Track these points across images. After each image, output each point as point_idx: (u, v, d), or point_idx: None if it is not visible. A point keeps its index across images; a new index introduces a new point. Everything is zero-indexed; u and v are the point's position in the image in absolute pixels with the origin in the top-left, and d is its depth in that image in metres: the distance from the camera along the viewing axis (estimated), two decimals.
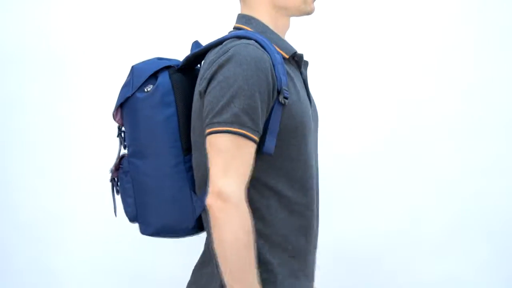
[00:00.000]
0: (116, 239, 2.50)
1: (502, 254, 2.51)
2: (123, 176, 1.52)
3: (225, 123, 1.31)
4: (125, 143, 1.54)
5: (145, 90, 1.45)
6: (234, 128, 1.30)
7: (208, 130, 1.33)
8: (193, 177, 1.45)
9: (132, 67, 1.50)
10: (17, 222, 2.55)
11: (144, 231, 1.52)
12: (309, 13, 1.53)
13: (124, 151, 1.57)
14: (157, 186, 1.46)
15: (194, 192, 1.45)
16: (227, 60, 1.34)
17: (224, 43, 1.40)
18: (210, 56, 1.41)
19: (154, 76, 1.46)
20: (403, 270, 2.51)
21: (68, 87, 2.54)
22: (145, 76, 1.45)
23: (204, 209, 1.40)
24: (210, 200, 1.30)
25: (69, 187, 2.54)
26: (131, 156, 1.49)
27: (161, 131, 1.43)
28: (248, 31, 1.44)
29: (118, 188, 1.56)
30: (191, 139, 1.44)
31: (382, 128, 2.51)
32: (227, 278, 1.31)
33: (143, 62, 1.51)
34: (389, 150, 2.50)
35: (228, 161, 1.30)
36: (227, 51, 1.36)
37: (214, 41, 1.44)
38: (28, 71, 2.55)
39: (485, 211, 2.51)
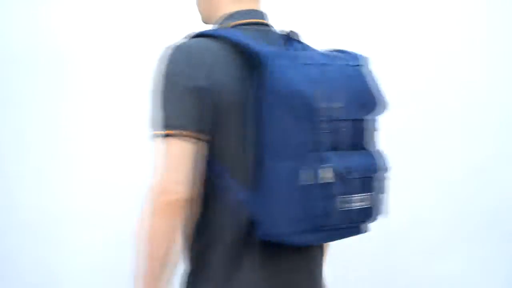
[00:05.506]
0: (117, 239, 2.50)
1: (502, 254, 2.52)
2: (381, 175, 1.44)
3: None
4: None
5: None
6: None
7: None
8: None
9: (361, 55, 1.42)
10: (16, 222, 2.54)
11: (367, 228, 1.45)
12: None
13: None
14: None
15: None
16: None
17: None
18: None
19: None
20: (402, 270, 2.51)
21: (66, 87, 2.54)
22: None
23: None
24: None
25: (69, 187, 2.54)
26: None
27: None
28: None
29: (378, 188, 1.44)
30: None
31: (381, 128, 2.50)
32: None
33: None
34: (388, 149, 2.49)
35: None
36: None
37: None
38: (26, 70, 2.54)
39: (485, 211, 2.51)
